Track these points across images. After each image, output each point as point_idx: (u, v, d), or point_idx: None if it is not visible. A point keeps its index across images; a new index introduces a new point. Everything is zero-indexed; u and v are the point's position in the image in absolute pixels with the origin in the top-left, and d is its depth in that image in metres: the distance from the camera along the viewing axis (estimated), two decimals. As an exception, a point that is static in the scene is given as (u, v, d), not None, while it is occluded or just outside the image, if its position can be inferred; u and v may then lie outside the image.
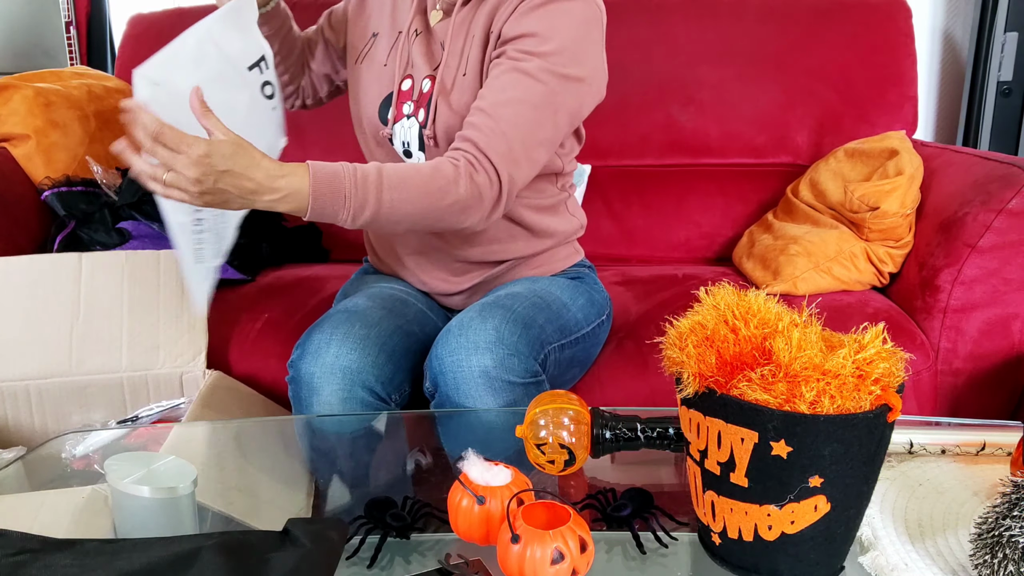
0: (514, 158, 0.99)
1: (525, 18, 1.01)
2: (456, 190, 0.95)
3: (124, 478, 0.66)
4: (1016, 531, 0.54)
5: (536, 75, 1.00)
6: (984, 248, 1.24)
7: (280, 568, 0.55)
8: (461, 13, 1.08)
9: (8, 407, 1.20)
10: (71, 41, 2.25)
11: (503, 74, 1.01)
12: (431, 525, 0.71)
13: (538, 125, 1.01)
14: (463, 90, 1.06)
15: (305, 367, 1.00)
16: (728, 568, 0.62)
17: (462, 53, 1.07)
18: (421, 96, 1.09)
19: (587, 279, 1.23)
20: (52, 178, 1.51)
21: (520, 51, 1.00)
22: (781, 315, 0.61)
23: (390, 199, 0.93)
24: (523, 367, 0.97)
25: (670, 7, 1.80)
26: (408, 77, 1.12)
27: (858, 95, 1.73)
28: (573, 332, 1.11)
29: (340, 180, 0.91)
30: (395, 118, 1.12)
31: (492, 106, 1.00)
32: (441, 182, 0.95)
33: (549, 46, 1.00)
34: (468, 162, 0.97)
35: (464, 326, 0.98)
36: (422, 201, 0.94)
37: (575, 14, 1.01)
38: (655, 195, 1.79)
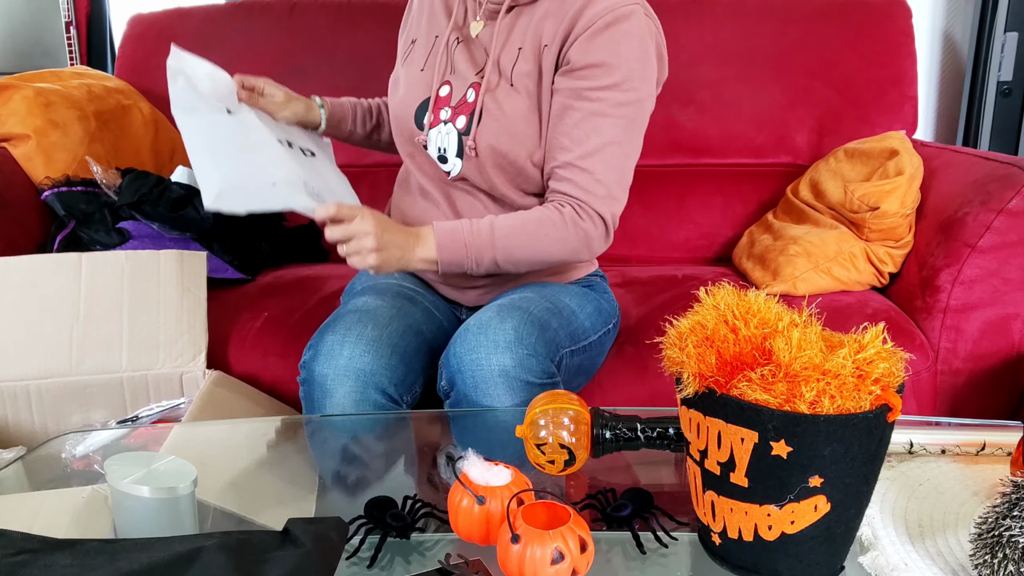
0: (614, 196, 1.06)
1: (591, 44, 1.02)
2: (564, 235, 1.05)
3: (124, 478, 0.66)
4: (1016, 531, 0.54)
5: (613, 113, 1.03)
6: (984, 248, 1.24)
7: (280, 568, 0.55)
8: (505, 20, 1.08)
9: (8, 407, 1.20)
10: (71, 41, 2.25)
11: (582, 121, 1.03)
12: (431, 525, 0.71)
13: (626, 157, 1.07)
14: (510, 101, 1.07)
15: (318, 368, 1.00)
16: (728, 568, 0.62)
17: (508, 62, 1.08)
18: (463, 104, 1.10)
19: (597, 287, 1.23)
20: (52, 178, 1.51)
21: (590, 88, 1.02)
22: (781, 315, 0.61)
23: (504, 247, 1.04)
24: (540, 368, 0.98)
25: (670, 7, 1.80)
26: (447, 83, 1.12)
27: (858, 95, 1.73)
28: (581, 340, 1.11)
29: (459, 234, 1.04)
30: (431, 123, 1.13)
31: (581, 159, 1.04)
32: (548, 229, 1.04)
33: (617, 75, 1.02)
34: (573, 210, 1.05)
35: (483, 325, 0.99)
36: (534, 246, 1.05)
37: (635, 34, 1.03)
38: (655, 195, 1.79)
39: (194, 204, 1.50)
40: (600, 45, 1.02)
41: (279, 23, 1.91)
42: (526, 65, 1.07)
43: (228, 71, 1.19)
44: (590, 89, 1.03)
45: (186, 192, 1.52)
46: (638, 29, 1.03)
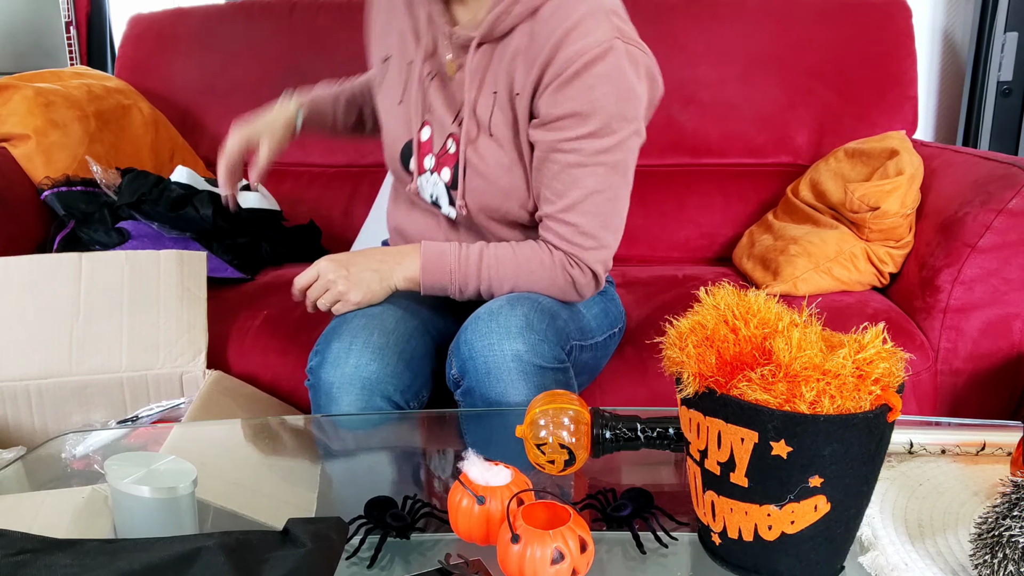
0: (603, 245, 1.04)
1: (560, 96, 0.96)
2: (553, 277, 1.04)
3: (124, 478, 0.66)
4: (1016, 531, 0.54)
5: (592, 162, 0.99)
6: (984, 248, 1.24)
7: (280, 568, 0.55)
8: (476, 59, 1.03)
9: (8, 407, 1.20)
10: (71, 41, 2.25)
11: (560, 174, 1.00)
12: (431, 525, 0.71)
13: (613, 201, 1.03)
14: (492, 154, 1.04)
15: (325, 376, 1.00)
16: (728, 568, 0.62)
17: (485, 110, 1.04)
18: (445, 154, 1.07)
19: (606, 292, 1.22)
20: (52, 178, 1.51)
21: (565, 139, 0.98)
22: (781, 315, 0.61)
23: (489, 277, 1.04)
24: (552, 354, 0.98)
25: (670, 7, 1.80)
26: (426, 124, 1.09)
27: (858, 95, 1.73)
28: (588, 337, 1.11)
29: (446, 258, 1.04)
30: (418, 170, 1.11)
31: (563, 212, 1.02)
32: (537, 268, 1.04)
33: (593, 123, 0.97)
34: (565, 255, 1.04)
35: (494, 312, 0.98)
36: (520, 283, 1.04)
37: (609, 75, 0.95)
38: (655, 195, 1.79)
39: (193, 204, 1.50)
40: (571, 95, 0.96)
41: (279, 23, 1.91)
42: (502, 113, 1.03)
43: (228, 71, 1.19)
44: (565, 140, 0.98)
45: (185, 192, 1.52)
46: (613, 69, 0.95)
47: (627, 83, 0.97)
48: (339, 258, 1.06)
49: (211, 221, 1.50)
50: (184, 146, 1.87)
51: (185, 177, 1.58)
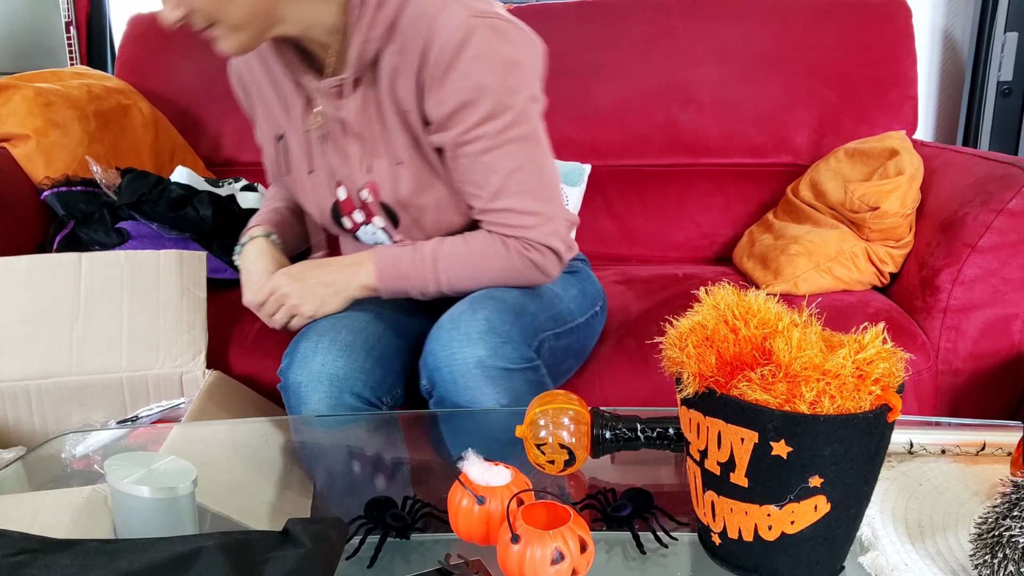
0: (546, 216, 1.02)
1: (442, 93, 0.95)
2: (511, 264, 1.03)
3: (124, 478, 0.66)
4: (1016, 531, 0.54)
5: (499, 144, 0.98)
6: (984, 248, 1.24)
7: (280, 568, 0.55)
8: (355, 99, 1.01)
9: (8, 407, 1.20)
10: (71, 41, 2.25)
11: (474, 165, 0.99)
12: (431, 525, 0.71)
13: (538, 173, 1.01)
14: (412, 183, 1.03)
15: (293, 376, 1.01)
16: (728, 568, 0.62)
17: (383, 145, 1.03)
18: (367, 204, 1.07)
19: (581, 272, 1.22)
20: (52, 178, 1.51)
21: (466, 131, 0.97)
22: (781, 315, 0.61)
23: (447, 278, 1.04)
24: (517, 353, 0.97)
25: (670, 7, 1.80)
26: (339, 184, 1.09)
27: (858, 95, 1.73)
28: (567, 322, 1.11)
29: (401, 263, 1.04)
30: (353, 227, 1.11)
31: (493, 200, 1.01)
32: (493, 260, 1.03)
33: (484, 107, 0.95)
34: (518, 241, 1.02)
35: (455, 319, 0.98)
36: (480, 275, 1.04)
37: (480, 55, 0.94)
38: (655, 195, 1.79)
39: (193, 204, 1.50)
40: (452, 88, 0.95)
41: (279, 23, 1.91)
42: (399, 137, 1.02)
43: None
44: (464, 132, 0.97)
45: (185, 192, 1.52)
46: (481, 48, 0.94)
47: (500, 56, 0.95)
48: (293, 271, 1.06)
49: (211, 221, 1.50)
50: (184, 146, 1.87)
51: (185, 177, 1.58)
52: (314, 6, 0.97)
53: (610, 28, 1.82)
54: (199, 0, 0.91)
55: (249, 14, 0.93)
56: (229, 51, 0.96)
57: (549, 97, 1.05)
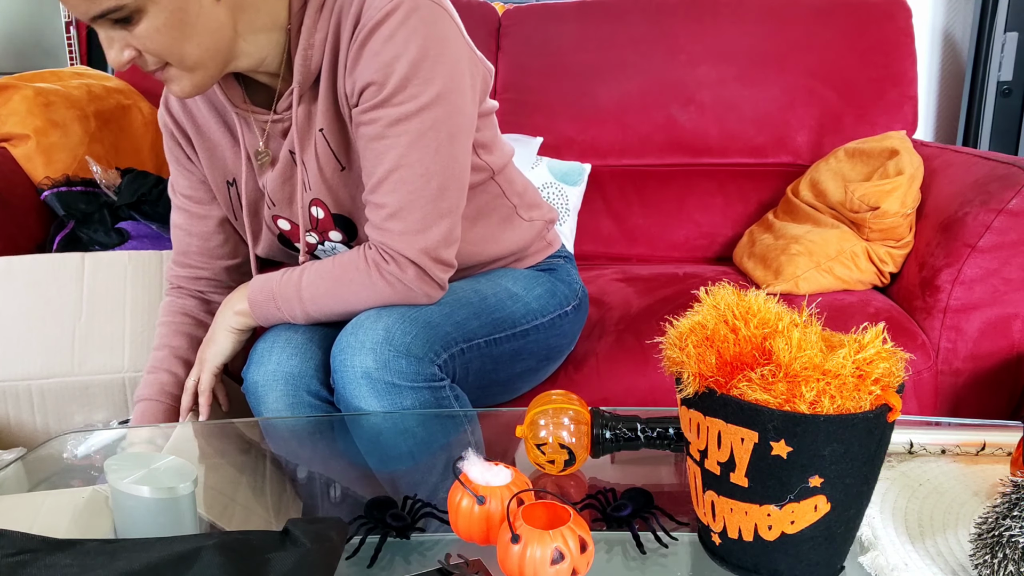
0: (419, 229, 0.92)
1: (356, 69, 0.90)
2: (370, 281, 0.94)
3: (124, 478, 0.66)
4: (1016, 531, 0.54)
5: (390, 134, 0.90)
6: (984, 248, 1.24)
7: (280, 568, 0.55)
8: (299, 114, 0.97)
9: (10, 406, 1.20)
10: (71, 41, 2.25)
11: (366, 150, 0.92)
12: (431, 525, 0.71)
13: (426, 179, 0.92)
14: (356, 182, 0.99)
15: (250, 376, 1.00)
16: (728, 568, 0.62)
17: (325, 155, 0.98)
18: (319, 222, 1.03)
19: (559, 270, 1.19)
20: (52, 178, 1.51)
21: (364, 111, 0.90)
22: (781, 315, 0.61)
23: (310, 296, 0.97)
24: (414, 370, 0.92)
25: (670, 7, 1.81)
26: (280, 218, 1.06)
27: (858, 95, 1.73)
28: (520, 324, 1.06)
29: (270, 283, 0.99)
30: (308, 250, 1.07)
31: (372, 192, 0.93)
32: (353, 275, 0.94)
33: (388, 89, 0.88)
34: (378, 252, 0.94)
35: (357, 326, 0.94)
36: (341, 295, 0.95)
37: (395, 35, 0.88)
38: (655, 195, 1.79)
39: (194, 204, 1.50)
40: (363, 65, 0.89)
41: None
42: (343, 138, 0.97)
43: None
44: (364, 111, 0.90)
45: (186, 192, 1.52)
46: (400, 27, 0.87)
47: (420, 41, 0.88)
48: None
49: (211, 221, 1.50)
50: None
51: (185, 177, 1.58)
52: (268, 36, 0.93)
53: (610, 28, 1.82)
54: (150, 42, 0.84)
55: (205, 54, 0.87)
56: (183, 93, 0.89)
57: (549, 97, 1.05)
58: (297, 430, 0.98)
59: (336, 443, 0.96)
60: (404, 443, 0.92)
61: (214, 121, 1.05)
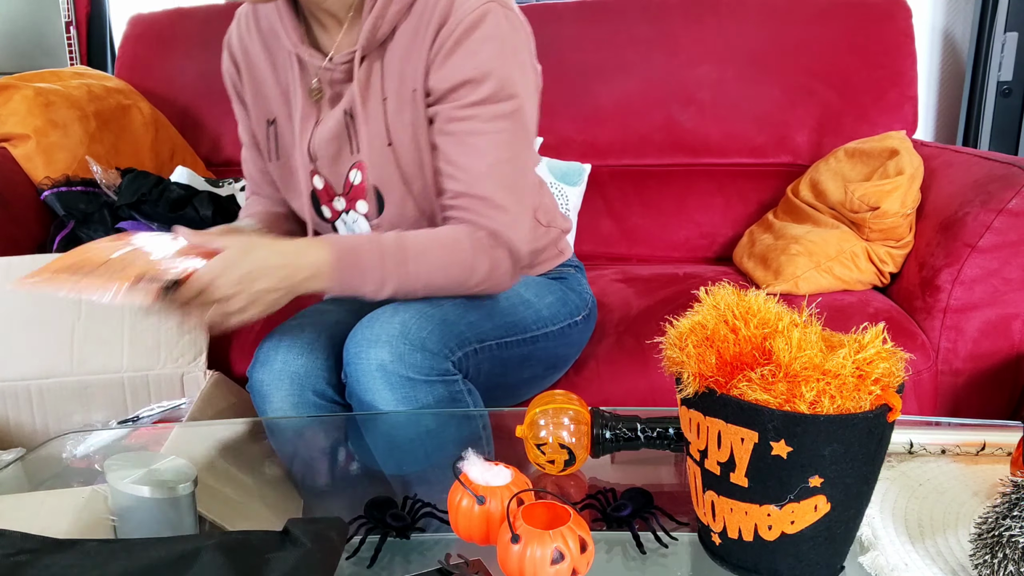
0: (518, 222, 0.99)
1: (448, 64, 0.95)
2: (474, 262, 0.97)
3: (124, 478, 0.66)
4: (1016, 531, 0.54)
5: (490, 130, 0.96)
6: (984, 248, 1.24)
7: (280, 568, 0.55)
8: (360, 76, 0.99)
9: (9, 407, 1.20)
10: (71, 41, 2.25)
11: (460, 145, 0.96)
12: (431, 525, 0.71)
13: (522, 171, 0.99)
14: (398, 160, 1.01)
15: (255, 375, 1.00)
16: (728, 568, 0.62)
17: (380, 124, 1.00)
18: (351, 188, 1.04)
19: (570, 279, 1.20)
20: (52, 178, 1.51)
21: (461, 107, 0.95)
22: (781, 315, 0.61)
23: (415, 271, 0.94)
24: (428, 364, 0.92)
25: (670, 7, 1.80)
26: (314, 173, 1.06)
27: (858, 95, 1.73)
28: (530, 329, 1.07)
29: (359, 254, 0.92)
30: (332, 216, 1.08)
31: (472, 184, 0.96)
32: (461, 255, 0.96)
33: (486, 89, 0.94)
34: (488, 236, 0.97)
35: (373, 319, 0.94)
36: (443, 273, 0.96)
37: (493, 36, 0.95)
38: (655, 195, 1.79)
39: (193, 204, 1.50)
40: (458, 63, 0.94)
41: (279, 23, 1.91)
42: (399, 117, 0.99)
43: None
44: (460, 108, 0.95)
45: (185, 192, 1.52)
46: (496, 30, 0.94)
47: (510, 43, 0.96)
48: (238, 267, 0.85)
49: (211, 222, 1.50)
50: (184, 146, 1.87)
51: (185, 177, 1.58)
52: None
53: (610, 28, 1.82)
54: None
55: None
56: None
57: (549, 97, 1.05)
58: (300, 429, 0.98)
59: (339, 442, 0.96)
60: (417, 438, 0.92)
61: (265, 60, 1.08)
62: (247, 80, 1.11)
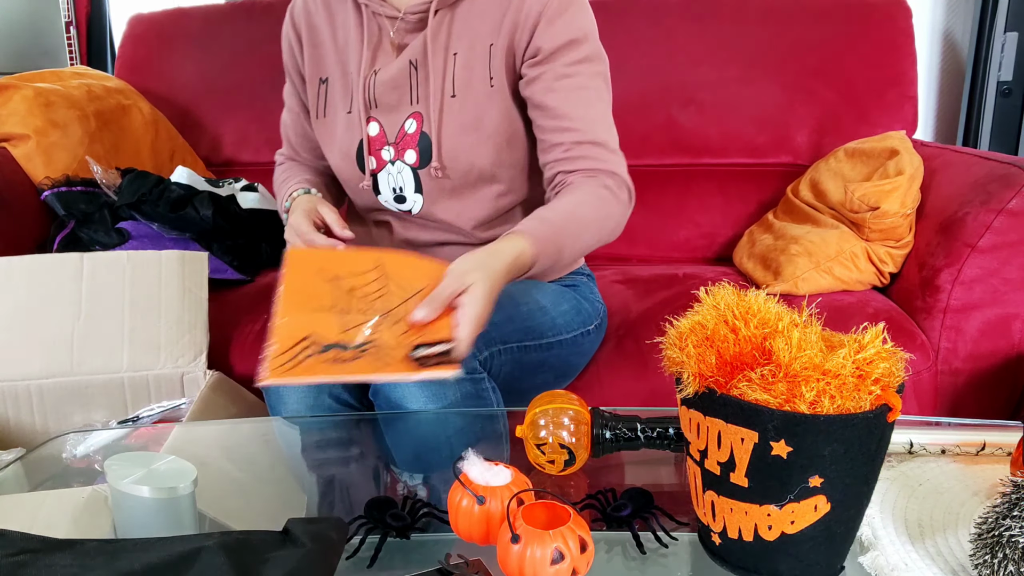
0: (623, 162, 1.07)
1: (554, 27, 1.02)
2: (617, 211, 1.04)
3: (124, 478, 0.66)
4: (1016, 531, 0.54)
5: (593, 84, 1.05)
6: (984, 248, 1.24)
7: (280, 568, 0.55)
8: (431, 28, 1.05)
9: (9, 407, 1.20)
10: (71, 41, 2.25)
11: (571, 97, 1.03)
12: (431, 525, 0.71)
13: (611, 121, 1.08)
14: (458, 112, 1.05)
15: None
16: (728, 568, 0.62)
17: (447, 76, 1.05)
18: (404, 137, 1.08)
19: (582, 288, 1.21)
20: (52, 178, 1.51)
21: (570, 64, 1.03)
22: (781, 315, 0.61)
23: (576, 230, 0.99)
24: None
25: (670, 7, 1.80)
26: (373, 120, 1.09)
27: (858, 95, 1.73)
28: (546, 336, 1.08)
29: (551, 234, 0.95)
30: (377, 167, 1.11)
31: (588, 132, 1.04)
32: (607, 209, 1.03)
33: (587, 48, 1.04)
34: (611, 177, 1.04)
35: None
36: (596, 232, 1.03)
37: (582, 4, 1.05)
38: (655, 195, 1.79)
39: (193, 204, 1.50)
40: (565, 24, 1.03)
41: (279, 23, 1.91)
42: (468, 72, 1.05)
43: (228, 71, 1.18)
44: (567, 65, 1.03)
45: (186, 192, 1.52)
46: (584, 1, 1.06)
47: (589, 11, 1.07)
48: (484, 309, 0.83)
49: (211, 222, 1.50)
50: (184, 146, 1.87)
51: (185, 177, 1.58)
52: None
53: (610, 28, 1.82)
54: None
55: None
56: None
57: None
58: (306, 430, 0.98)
59: (343, 443, 0.96)
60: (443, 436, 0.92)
61: (326, 21, 1.13)
62: (307, 42, 1.15)
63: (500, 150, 1.07)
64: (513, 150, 1.09)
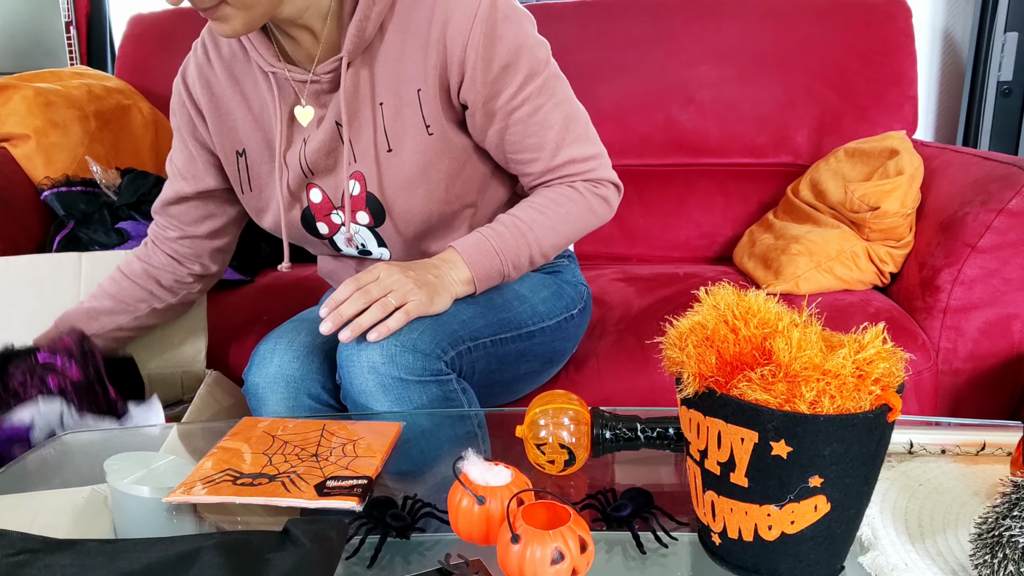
0: (601, 155, 1.07)
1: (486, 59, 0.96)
2: (585, 203, 1.05)
3: (124, 478, 0.66)
4: (1016, 531, 0.54)
5: (544, 99, 1.01)
6: (984, 248, 1.24)
7: (280, 568, 0.55)
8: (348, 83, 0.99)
9: (8, 407, 1.20)
10: (71, 41, 2.25)
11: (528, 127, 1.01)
12: (431, 525, 0.71)
13: (582, 119, 1.05)
14: (400, 167, 1.01)
15: (251, 378, 1.00)
16: (728, 568, 0.62)
17: (375, 128, 1.00)
18: (352, 199, 1.04)
19: (564, 272, 1.19)
20: (52, 178, 1.51)
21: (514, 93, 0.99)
22: (781, 315, 0.61)
23: (535, 238, 1.02)
24: (420, 364, 0.92)
25: (670, 7, 1.80)
26: (314, 187, 1.05)
27: (858, 95, 1.73)
28: (526, 325, 1.07)
29: (484, 243, 1.00)
30: (330, 231, 1.08)
31: (555, 154, 1.02)
32: (570, 206, 1.04)
33: (525, 64, 0.98)
34: (585, 182, 1.05)
35: None
36: (560, 225, 1.04)
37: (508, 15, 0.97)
38: (655, 195, 1.79)
39: (194, 204, 1.50)
40: (495, 55, 0.96)
41: (279, 23, 1.91)
42: (399, 122, 0.99)
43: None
44: (512, 96, 0.99)
45: (186, 192, 1.52)
46: (506, 8, 0.97)
47: (518, 14, 1.00)
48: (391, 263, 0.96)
49: (211, 221, 1.49)
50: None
51: (185, 177, 1.57)
52: None
53: (610, 28, 1.82)
54: None
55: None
56: (233, 32, 0.90)
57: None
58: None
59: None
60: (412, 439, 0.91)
61: (231, 89, 1.06)
62: (210, 115, 1.08)
63: (456, 184, 1.04)
64: (473, 172, 1.06)
